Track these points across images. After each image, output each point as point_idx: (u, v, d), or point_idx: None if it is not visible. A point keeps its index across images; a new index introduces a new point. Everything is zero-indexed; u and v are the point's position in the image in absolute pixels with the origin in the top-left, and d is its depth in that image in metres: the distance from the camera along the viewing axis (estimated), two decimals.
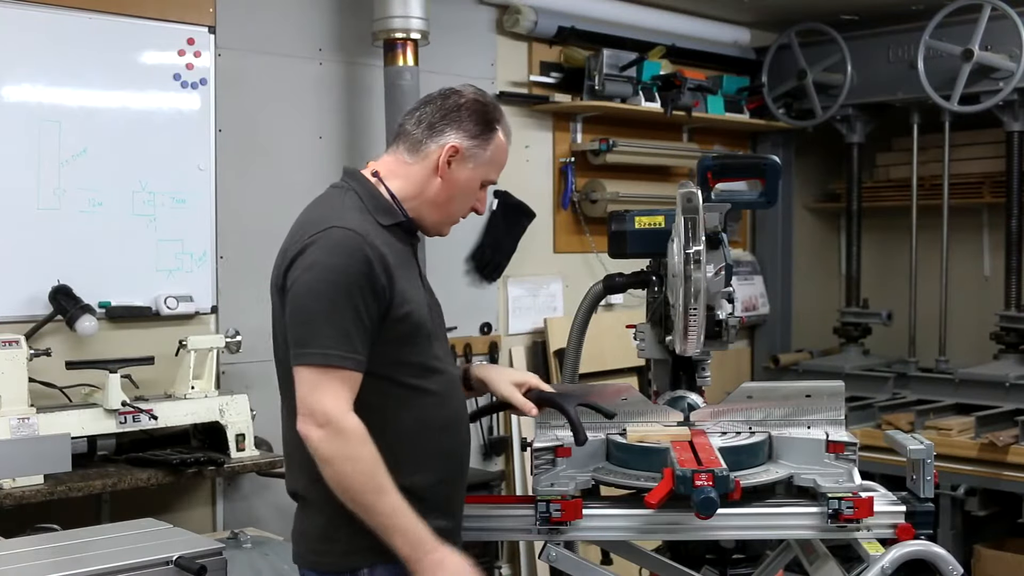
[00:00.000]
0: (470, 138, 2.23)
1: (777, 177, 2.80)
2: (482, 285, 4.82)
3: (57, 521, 2.62)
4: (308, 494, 2.16)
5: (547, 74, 5.01)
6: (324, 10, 4.25)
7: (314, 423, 2.03)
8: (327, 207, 2.20)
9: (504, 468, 4.80)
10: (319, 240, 2.08)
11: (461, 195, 2.27)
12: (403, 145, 2.26)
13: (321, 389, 2.04)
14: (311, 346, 2.04)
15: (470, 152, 2.23)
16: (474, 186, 2.27)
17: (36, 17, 3.50)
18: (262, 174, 4.03)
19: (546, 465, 2.37)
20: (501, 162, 2.30)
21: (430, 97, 2.28)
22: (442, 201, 2.25)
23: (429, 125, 2.23)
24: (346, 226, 2.09)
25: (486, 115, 2.25)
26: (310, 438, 2.04)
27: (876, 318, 5.69)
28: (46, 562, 2.13)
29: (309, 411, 2.04)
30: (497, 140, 2.27)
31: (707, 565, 2.84)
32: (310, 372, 2.04)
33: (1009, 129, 5.15)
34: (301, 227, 2.16)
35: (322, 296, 2.05)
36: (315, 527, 2.16)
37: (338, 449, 2.03)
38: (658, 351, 2.67)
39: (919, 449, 2.36)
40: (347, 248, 2.06)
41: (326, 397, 2.03)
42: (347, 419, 2.04)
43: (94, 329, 3.46)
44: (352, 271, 2.05)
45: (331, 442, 2.02)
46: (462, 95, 2.26)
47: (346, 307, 2.04)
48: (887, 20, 5.43)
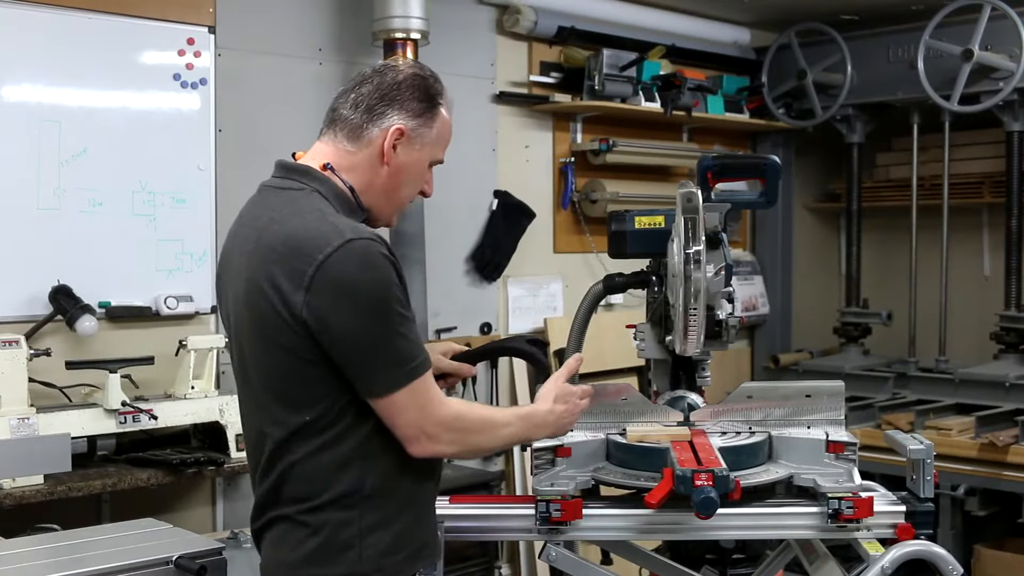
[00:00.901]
0: (414, 117, 2.06)
1: (777, 177, 2.80)
2: (482, 285, 4.82)
3: (57, 521, 2.62)
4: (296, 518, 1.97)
5: (547, 74, 5.01)
6: (324, 10, 4.25)
7: (431, 440, 1.96)
8: (314, 217, 1.96)
9: (504, 468, 4.80)
10: (343, 258, 1.89)
11: (409, 180, 2.11)
12: (341, 132, 2.09)
13: (436, 397, 1.98)
14: (402, 366, 1.92)
15: (416, 133, 2.06)
16: (421, 169, 2.11)
17: (36, 17, 3.50)
18: (262, 174, 3.97)
19: (546, 465, 2.38)
20: (447, 138, 2.13)
21: (364, 76, 2.12)
22: (390, 189, 2.09)
23: (368, 108, 2.07)
24: (362, 236, 1.92)
25: (427, 89, 2.08)
26: (437, 452, 2.01)
27: (876, 318, 5.69)
28: (46, 562, 2.13)
29: (422, 432, 1.95)
30: (441, 116, 2.10)
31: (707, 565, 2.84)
32: (414, 389, 1.93)
33: (1009, 129, 5.15)
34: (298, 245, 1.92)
35: (379, 316, 1.90)
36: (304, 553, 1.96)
37: (463, 440, 2.04)
38: (658, 351, 2.67)
39: (919, 449, 2.36)
40: (376, 257, 1.91)
41: (432, 408, 1.97)
42: (453, 413, 2.00)
43: (94, 329, 3.46)
44: (389, 279, 1.92)
45: (457, 441, 2.02)
46: (399, 70, 2.10)
47: (404, 313, 1.94)
48: (887, 20, 5.43)
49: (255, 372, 2.02)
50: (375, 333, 1.90)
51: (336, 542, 1.95)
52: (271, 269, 1.94)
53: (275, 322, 1.93)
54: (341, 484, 1.96)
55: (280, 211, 2.02)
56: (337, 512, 1.96)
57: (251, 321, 1.99)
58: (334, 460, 1.96)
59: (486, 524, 2.41)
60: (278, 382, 1.98)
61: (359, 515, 1.96)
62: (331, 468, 1.96)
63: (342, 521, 1.96)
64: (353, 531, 1.96)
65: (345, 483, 1.96)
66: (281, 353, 1.95)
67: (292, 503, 1.99)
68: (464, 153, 4.44)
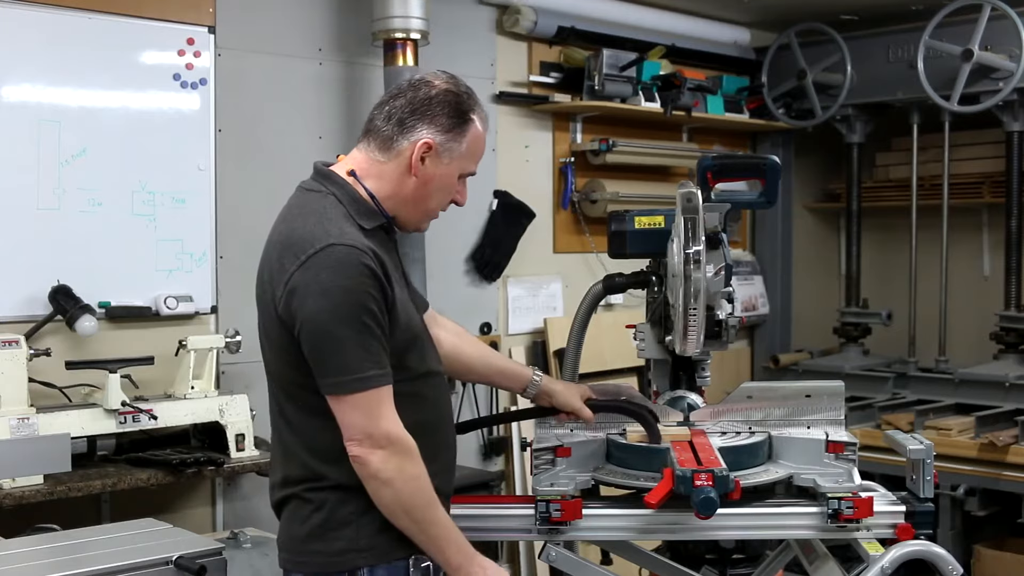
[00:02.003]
0: (443, 132, 2.13)
1: (777, 177, 2.80)
2: (482, 285, 4.82)
3: (57, 521, 2.61)
4: (303, 495, 2.12)
5: (547, 74, 5.01)
6: (324, 10, 4.25)
7: (373, 445, 2.01)
8: (314, 220, 2.07)
9: (504, 468, 4.80)
10: (321, 260, 1.99)
11: (438, 191, 2.18)
12: (374, 142, 2.17)
13: (374, 412, 2.02)
14: (349, 373, 2.00)
15: (444, 147, 2.14)
16: (451, 181, 2.18)
17: (36, 17, 3.50)
18: (262, 174, 4.03)
19: (546, 465, 2.38)
20: (479, 152, 2.20)
21: (400, 89, 2.18)
22: (419, 199, 2.17)
23: (399, 121, 2.14)
24: (344, 242, 2.01)
25: (459, 106, 2.15)
26: (370, 462, 2.02)
27: (876, 318, 5.69)
28: (46, 562, 2.13)
29: (367, 435, 2.01)
30: (472, 131, 2.17)
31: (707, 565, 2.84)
32: (356, 398, 2.01)
33: (1009, 129, 5.15)
34: (292, 244, 2.05)
35: (343, 321, 1.99)
36: (309, 529, 2.11)
37: (400, 467, 2.03)
38: (658, 351, 2.67)
39: (919, 449, 2.36)
40: (353, 265, 1.99)
41: (382, 420, 2.02)
42: (406, 437, 2.05)
43: (94, 329, 3.46)
44: (363, 288, 2.00)
45: (393, 461, 2.03)
46: (433, 85, 2.16)
47: (369, 325, 2.01)
48: (887, 20, 5.43)
49: (267, 359, 2.18)
50: (338, 335, 1.99)
51: (336, 519, 2.09)
52: (271, 266, 2.09)
53: (270, 315, 2.09)
54: (341, 467, 2.07)
55: (294, 211, 2.15)
56: (337, 492, 2.09)
57: (260, 313, 2.15)
58: (334, 445, 2.06)
59: (486, 524, 2.41)
60: (278, 369, 2.14)
61: (356, 496, 2.07)
62: (331, 453, 2.07)
63: (341, 500, 2.09)
64: (351, 509, 2.08)
65: (345, 468, 2.06)
66: (277, 343, 2.10)
67: (298, 482, 2.13)
68: None
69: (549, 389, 2.51)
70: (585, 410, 2.49)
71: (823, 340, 6.09)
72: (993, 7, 4.90)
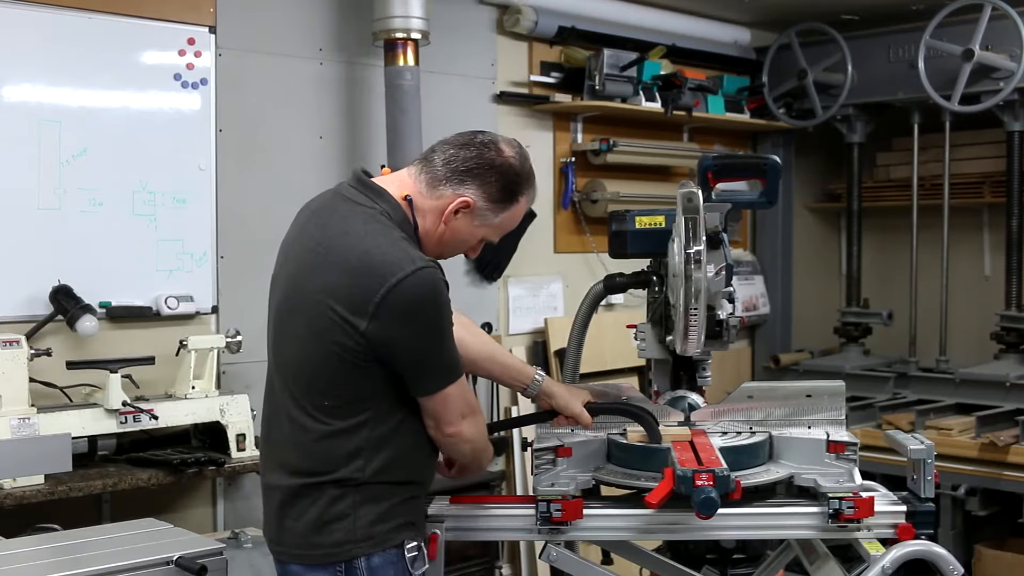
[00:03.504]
0: (486, 200, 2.21)
1: (777, 177, 2.80)
2: (482, 285, 4.82)
3: (58, 521, 2.61)
4: (299, 489, 2.18)
5: (547, 74, 5.01)
6: (324, 10, 4.25)
7: (463, 417, 2.22)
8: (386, 240, 2.12)
9: (505, 468, 4.80)
10: (414, 283, 2.07)
11: (456, 243, 2.28)
12: (424, 176, 2.22)
13: (462, 393, 2.21)
14: (449, 371, 2.18)
15: (481, 211, 2.22)
16: (472, 240, 2.28)
17: (36, 17, 3.50)
18: (262, 174, 4.03)
19: (547, 465, 2.38)
20: (508, 227, 2.30)
21: (471, 141, 2.23)
22: (438, 243, 2.26)
23: (455, 170, 2.20)
24: (427, 264, 2.11)
25: (514, 184, 2.24)
26: (463, 432, 2.23)
27: (876, 318, 5.69)
28: (46, 562, 2.13)
29: (461, 414, 2.21)
30: (513, 210, 2.26)
31: (708, 565, 2.84)
32: (452, 388, 2.18)
33: (1009, 129, 5.15)
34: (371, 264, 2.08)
35: (438, 334, 2.15)
36: (306, 521, 2.17)
37: (478, 426, 2.27)
38: (658, 351, 2.67)
39: (919, 449, 2.36)
40: (438, 284, 2.12)
41: (467, 394, 2.24)
42: (476, 400, 2.29)
43: (95, 329, 3.46)
44: (447, 302, 2.16)
45: (475, 424, 2.26)
46: (501, 154, 2.22)
47: (451, 328, 2.18)
48: (887, 20, 5.43)
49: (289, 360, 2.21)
50: (435, 349, 2.15)
51: (333, 512, 2.15)
52: (340, 279, 2.11)
53: (331, 326, 2.10)
54: (346, 469, 2.14)
55: (355, 226, 2.16)
56: (335, 488, 2.15)
57: (303, 315, 2.16)
58: (345, 448, 2.15)
59: (487, 524, 2.42)
60: (309, 373, 2.17)
61: (355, 491, 2.16)
62: (340, 454, 2.15)
63: (338, 495, 2.15)
64: (349, 503, 2.15)
65: (350, 469, 2.14)
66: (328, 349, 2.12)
67: (298, 474, 2.18)
68: None
69: (550, 391, 2.52)
70: (585, 416, 2.51)
71: (824, 340, 6.09)
72: (994, 7, 4.90)
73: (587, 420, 2.51)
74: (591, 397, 2.55)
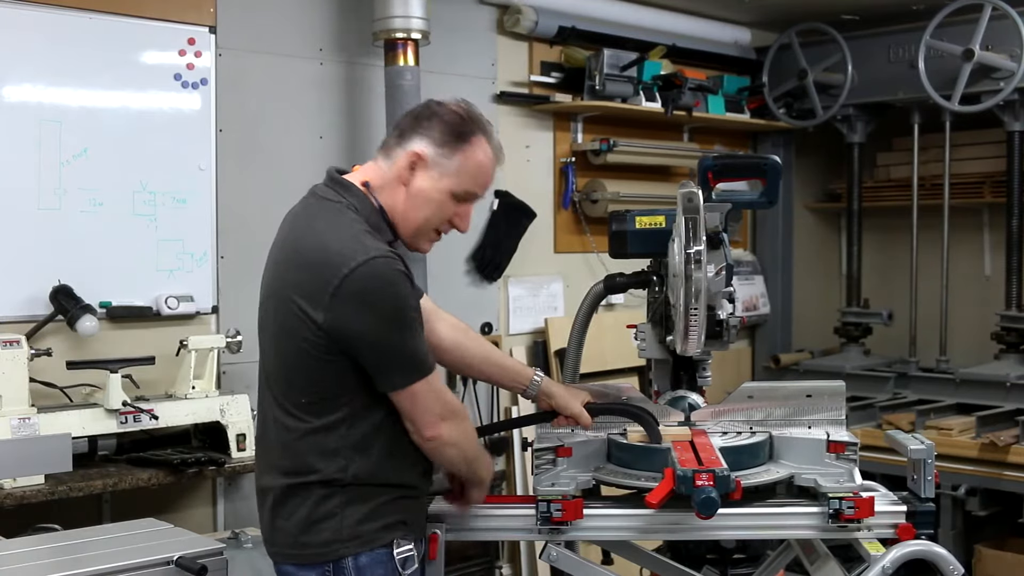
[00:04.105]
0: (435, 146, 2.19)
1: (778, 177, 2.80)
2: (483, 285, 4.82)
3: (58, 521, 2.62)
4: (288, 489, 2.19)
5: (548, 74, 5.01)
6: (324, 10, 4.25)
7: (441, 419, 2.18)
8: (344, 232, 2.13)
9: (505, 468, 4.80)
10: (366, 273, 2.07)
11: (425, 205, 2.22)
12: (382, 152, 2.27)
13: (434, 392, 2.18)
14: (415, 367, 2.14)
15: (434, 160, 2.19)
16: (441, 197, 2.22)
17: (36, 17, 3.50)
18: (262, 174, 4.03)
19: (547, 465, 2.38)
20: (475, 174, 2.23)
21: (414, 108, 2.29)
22: (407, 210, 2.22)
23: (401, 132, 2.23)
24: (383, 254, 2.10)
25: (460, 127, 2.21)
26: (442, 435, 2.19)
27: (877, 318, 5.69)
28: (47, 562, 2.13)
29: (436, 415, 2.18)
30: (467, 152, 2.21)
31: (708, 565, 2.84)
32: (420, 385, 2.15)
33: (1010, 129, 5.15)
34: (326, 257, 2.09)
35: (400, 325, 2.11)
36: (295, 521, 2.18)
37: (462, 429, 2.24)
38: (659, 351, 2.67)
39: (920, 449, 2.36)
40: (394, 274, 2.10)
41: (444, 393, 2.22)
42: (458, 402, 2.26)
43: (95, 329, 3.46)
44: (406, 293, 2.12)
45: (458, 426, 2.22)
46: (444, 106, 2.24)
47: (413, 323, 2.14)
48: (887, 20, 5.43)
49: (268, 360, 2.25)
50: (394, 340, 2.11)
51: (321, 512, 2.16)
52: (300, 275, 2.14)
53: (297, 322, 2.13)
54: (328, 469, 2.16)
55: (318, 221, 2.20)
56: (323, 487, 2.16)
57: (276, 313, 2.20)
58: (325, 446, 2.16)
59: (487, 524, 2.42)
60: (286, 372, 2.19)
61: (341, 490, 2.16)
62: (321, 453, 2.16)
63: (326, 495, 2.16)
64: (336, 502, 2.16)
65: (332, 469, 2.16)
66: (298, 346, 2.14)
67: (286, 475, 2.20)
68: None
69: (549, 391, 2.53)
70: (584, 416, 2.51)
71: (824, 340, 6.09)
72: (994, 7, 4.89)
73: (587, 420, 2.51)
74: (591, 397, 2.55)
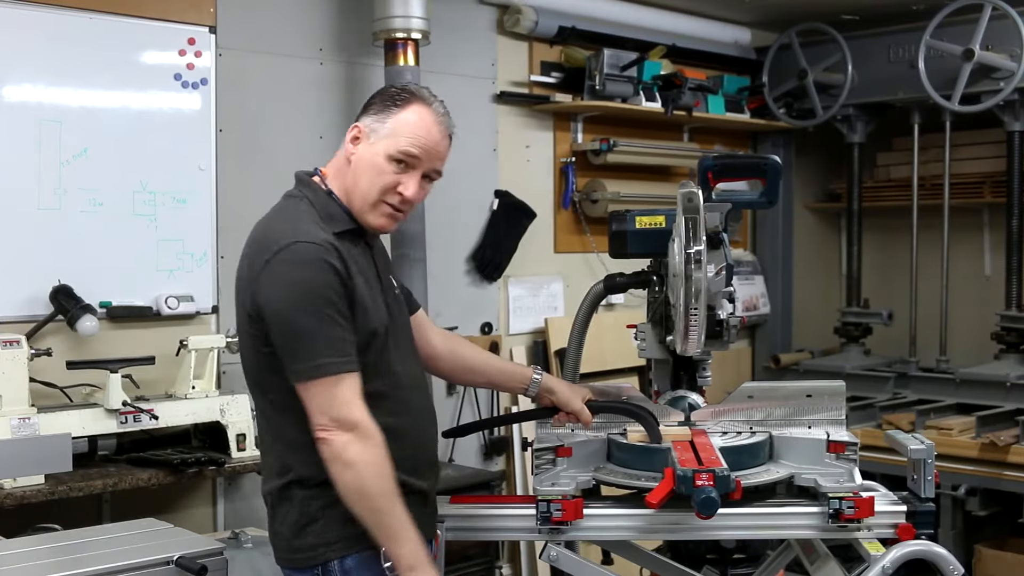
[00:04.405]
0: (370, 117, 2.23)
1: (778, 177, 2.80)
2: (482, 285, 4.82)
3: (58, 521, 2.62)
4: (280, 493, 2.20)
5: (548, 74, 5.01)
6: (324, 10, 4.25)
7: (339, 429, 2.06)
8: (283, 220, 2.19)
9: (505, 468, 4.80)
10: (285, 255, 2.09)
11: (365, 173, 2.21)
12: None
13: (340, 397, 2.08)
14: (312, 359, 2.07)
15: (370, 128, 2.22)
16: (378, 162, 2.20)
17: (36, 17, 3.50)
18: (262, 174, 4.03)
19: (547, 465, 2.38)
20: (408, 134, 2.19)
21: None
22: (352, 184, 2.22)
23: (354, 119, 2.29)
24: (309, 240, 2.10)
25: (393, 97, 2.24)
26: (334, 442, 2.06)
27: (877, 318, 5.69)
28: (47, 562, 2.13)
29: (331, 419, 2.07)
30: (401, 115, 2.20)
31: (708, 565, 2.84)
32: (322, 384, 2.07)
33: (1010, 129, 5.15)
34: (261, 243, 2.16)
35: (306, 311, 2.07)
36: (287, 525, 2.19)
37: (364, 452, 2.07)
38: (659, 351, 2.67)
39: (920, 449, 2.36)
40: (315, 260, 2.09)
41: (349, 404, 2.08)
42: (370, 422, 2.09)
43: (95, 329, 3.46)
44: (325, 281, 2.09)
45: (356, 445, 2.06)
46: (387, 87, 2.32)
47: (330, 315, 2.08)
48: (887, 20, 5.43)
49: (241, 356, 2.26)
50: (301, 325, 2.07)
51: (306, 515, 2.16)
52: (242, 265, 2.21)
53: (243, 313, 2.18)
54: (307, 462, 2.14)
55: (269, 216, 2.27)
56: (305, 488, 2.16)
57: (237, 312, 2.24)
58: (299, 439, 2.14)
59: (487, 524, 2.42)
60: (251, 365, 2.22)
61: (322, 491, 2.13)
62: (298, 447, 2.15)
63: (309, 496, 2.16)
64: (319, 504, 2.15)
65: (304, 466, 2.15)
66: (248, 341, 2.19)
67: (274, 477, 2.21)
68: (465, 153, 4.43)
69: (550, 387, 2.53)
70: (585, 412, 2.51)
71: (824, 340, 6.09)
72: (994, 7, 4.89)
73: (587, 418, 2.51)
74: (592, 395, 2.55)
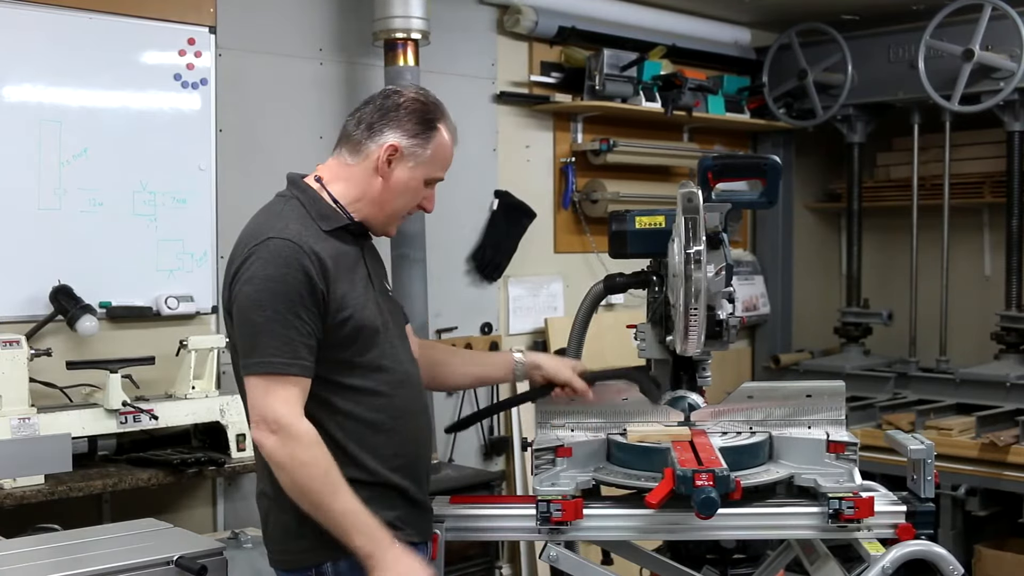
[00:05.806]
0: (410, 137, 2.24)
1: (778, 177, 2.80)
2: (483, 285, 4.82)
3: (58, 521, 2.62)
4: (272, 495, 2.19)
5: (548, 74, 5.01)
6: (324, 10, 4.25)
7: (267, 429, 2.08)
8: (267, 218, 2.21)
9: (505, 468, 4.80)
10: (258, 251, 2.11)
11: (403, 194, 2.27)
12: (345, 147, 2.29)
13: (270, 396, 2.08)
14: (256, 355, 2.09)
15: (410, 151, 2.24)
16: (415, 185, 2.27)
17: (36, 17, 3.50)
18: (262, 174, 4.02)
19: (546, 465, 2.37)
20: (444, 160, 2.29)
21: (371, 97, 2.30)
22: (384, 201, 2.26)
23: (368, 125, 2.25)
24: (283, 236, 2.12)
25: (426, 114, 2.26)
26: (264, 444, 2.08)
27: (877, 318, 5.69)
28: (46, 562, 2.13)
29: (261, 418, 2.08)
30: (438, 139, 2.27)
31: (708, 565, 2.84)
32: (258, 380, 2.09)
33: (1010, 129, 5.15)
34: (242, 240, 2.19)
35: (263, 306, 2.08)
36: (280, 527, 2.20)
37: (291, 453, 2.07)
38: (659, 351, 2.67)
39: (920, 449, 2.36)
40: (284, 258, 2.09)
41: (276, 403, 2.07)
42: (298, 424, 2.08)
43: (95, 329, 3.46)
44: (290, 279, 2.09)
45: (284, 447, 2.07)
46: (402, 95, 2.28)
47: (287, 315, 2.08)
48: (887, 20, 5.43)
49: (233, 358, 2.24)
50: (255, 320, 2.09)
51: (298, 517, 2.12)
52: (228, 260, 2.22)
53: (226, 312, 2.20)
54: None
55: (257, 215, 2.28)
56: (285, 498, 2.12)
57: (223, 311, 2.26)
58: None
59: (487, 524, 2.42)
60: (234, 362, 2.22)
61: None
62: None
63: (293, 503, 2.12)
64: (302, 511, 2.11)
65: None
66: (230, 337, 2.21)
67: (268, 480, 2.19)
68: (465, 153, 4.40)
69: (535, 362, 2.54)
70: (578, 380, 2.51)
71: (824, 340, 6.09)
72: (994, 7, 4.90)
73: (581, 386, 2.51)
74: (583, 366, 2.55)
